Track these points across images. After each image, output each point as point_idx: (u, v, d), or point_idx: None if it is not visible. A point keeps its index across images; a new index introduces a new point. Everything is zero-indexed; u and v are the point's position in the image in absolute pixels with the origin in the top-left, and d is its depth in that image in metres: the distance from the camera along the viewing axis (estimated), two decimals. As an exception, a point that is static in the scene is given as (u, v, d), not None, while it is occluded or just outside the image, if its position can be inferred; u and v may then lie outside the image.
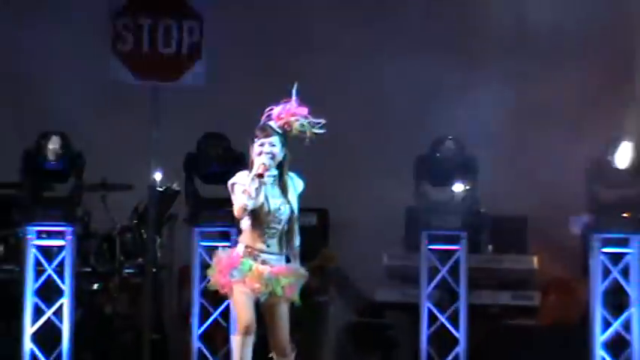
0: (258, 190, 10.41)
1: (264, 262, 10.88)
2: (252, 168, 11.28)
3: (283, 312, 10.75)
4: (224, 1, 15.97)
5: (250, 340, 11.28)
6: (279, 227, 10.95)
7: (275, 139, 11.04)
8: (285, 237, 11.10)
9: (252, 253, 10.80)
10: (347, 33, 16.05)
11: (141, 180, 14.53)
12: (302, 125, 11.30)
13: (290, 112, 11.40)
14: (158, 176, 14.51)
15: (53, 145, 13.71)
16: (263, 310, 10.81)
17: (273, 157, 10.71)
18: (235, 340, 11.14)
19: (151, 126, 14.68)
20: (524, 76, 15.66)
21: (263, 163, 10.48)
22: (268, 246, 10.77)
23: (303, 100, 11.18)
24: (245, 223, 10.90)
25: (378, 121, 15.08)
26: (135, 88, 15.59)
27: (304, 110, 11.45)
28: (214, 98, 15.67)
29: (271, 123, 11.33)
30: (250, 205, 10.36)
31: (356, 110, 14.09)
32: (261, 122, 11.29)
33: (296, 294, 10.76)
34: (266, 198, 11.02)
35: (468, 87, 15.41)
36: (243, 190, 10.50)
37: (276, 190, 11.20)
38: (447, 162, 13.73)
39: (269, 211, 10.85)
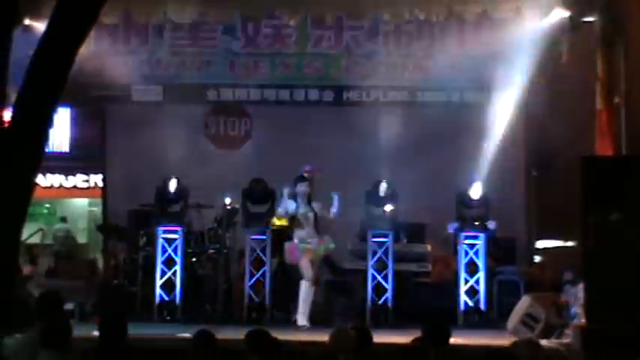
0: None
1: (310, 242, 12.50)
2: (293, 198, 12.75)
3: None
4: (264, 109, 16.41)
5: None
6: (310, 221, 12.46)
7: (306, 182, 12.17)
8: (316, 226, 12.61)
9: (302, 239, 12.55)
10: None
11: (218, 202, 14.57)
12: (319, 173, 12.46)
13: (313, 169, 12.47)
14: (228, 200, 14.47)
15: (172, 183, 13.95)
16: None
17: (305, 191, 12.54)
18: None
19: (225, 173, 15.21)
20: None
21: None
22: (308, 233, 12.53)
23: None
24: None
25: (342, 172, 14.84)
26: (215, 153, 16.19)
27: (318, 168, 12.47)
28: (258, 159, 15.64)
29: (305, 174, 12.41)
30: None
31: (333, 169, 14.12)
32: (300, 173, 12.70)
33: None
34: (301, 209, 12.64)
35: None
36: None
37: (306, 205, 12.49)
38: (382, 194, 13.83)
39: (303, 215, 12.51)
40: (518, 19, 13.83)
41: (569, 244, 15.91)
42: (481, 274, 13.65)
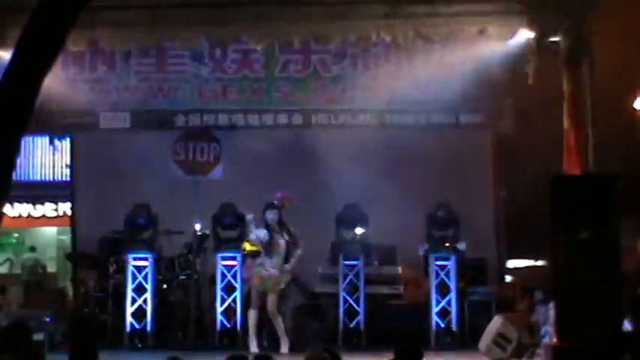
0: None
1: (267, 270, 12.47)
2: (266, 225, 12.70)
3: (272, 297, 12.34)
4: (232, 134, 16.16)
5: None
6: (279, 250, 12.60)
7: (276, 210, 12.13)
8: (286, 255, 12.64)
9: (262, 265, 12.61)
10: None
11: (188, 228, 14.50)
12: (289, 203, 12.40)
13: (285, 199, 12.41)
14: (197, 226, 14.46)
15: (141, 210, 13.98)
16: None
17: (274, 218, 12.49)
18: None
19: (194, 199, 15.15)
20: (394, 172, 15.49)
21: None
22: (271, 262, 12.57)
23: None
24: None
25: (312, 196, 14.77)
26: (184, 179, 16.06)
27: (289, 197, 12.42)
28: (228, 184, 15.16)
29: (275, 202, 12.38)
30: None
31: (303, 193, 13.97)
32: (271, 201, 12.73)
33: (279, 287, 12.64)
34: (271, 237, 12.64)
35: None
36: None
37: (276, 233, 12.60)
38: (351, 217, 13.95)
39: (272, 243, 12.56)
40: (484, 40, 13.89)
41: (540, 263, 15.95)
42: (452, 295, 13.66)
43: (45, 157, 19.03)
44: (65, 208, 18.64)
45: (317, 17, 13.70)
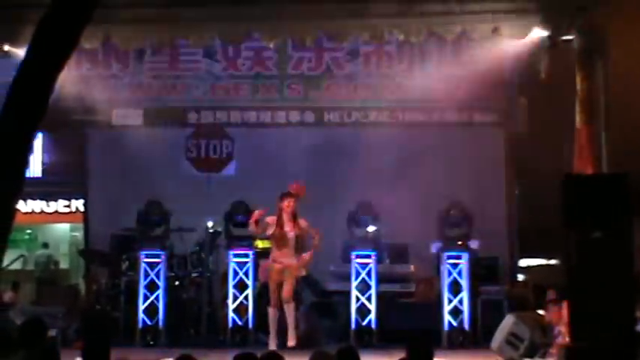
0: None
1: (280, 262, 12.36)
2: (279, 215, 12.47)
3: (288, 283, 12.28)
4: (245, 131, 16.35)
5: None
6: (290, 242, 12.39)
7: (292, 200, 12.16)
8: (295, 247, 12.49)
9: (274, 260, 12.43)
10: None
11: (200, 225, 14.67)
12: (303, 192, 12.42)
13: (299, 187, 12.43)
14: (210, 224, 14.58)
15: (154, 207, 13.87)
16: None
17: (291, 208, 12.31)
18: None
19: (206, 196, 15.21)
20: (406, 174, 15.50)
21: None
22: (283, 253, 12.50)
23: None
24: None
25: (324, 193, 14.68)
26: (197, 176, 16.15)
27: (302, 187, 12.43)
28: (240, 180, 15.59)
29: (291, 191, 12.39)
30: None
31: (314, 190, 13.93)
32: (286, 190, 12.57)
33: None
34: (281, 228, 12.43)
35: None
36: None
37: (290, 224, 12.12)
38: (363, 215, 13.84)
39: (282, 234, 12.28)
40: (497, 38, 13.89)
41: (552, 262, 15.93)
42: (464, 294, 13.57)
43: (57, 154, 19.10)
44: (78, 204, 18.71)
45: (330, 15, 13.71)
